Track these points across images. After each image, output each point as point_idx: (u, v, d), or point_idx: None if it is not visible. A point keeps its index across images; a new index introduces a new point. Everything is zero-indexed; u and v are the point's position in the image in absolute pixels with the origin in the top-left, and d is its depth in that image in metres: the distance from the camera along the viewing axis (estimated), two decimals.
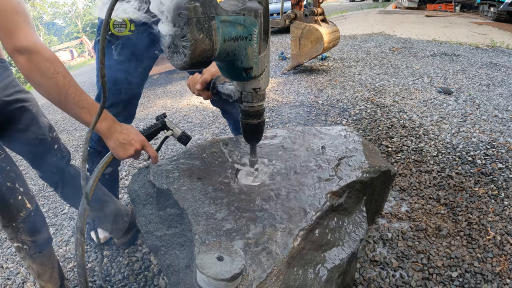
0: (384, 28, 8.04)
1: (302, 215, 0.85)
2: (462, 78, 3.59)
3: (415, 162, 1.96)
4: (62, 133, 3.80)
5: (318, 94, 3.35)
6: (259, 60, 0.78)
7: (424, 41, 6.07)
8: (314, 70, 4.38)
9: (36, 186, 2.45)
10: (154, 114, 3.58)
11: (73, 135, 3.58)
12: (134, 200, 1.10)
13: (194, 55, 0.63)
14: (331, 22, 4.27)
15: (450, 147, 2.08)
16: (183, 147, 2.49)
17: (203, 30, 0.63)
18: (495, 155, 1.96)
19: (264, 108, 0.90)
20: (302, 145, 1.20)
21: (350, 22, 10.22)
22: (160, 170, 1.06)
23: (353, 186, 0.99)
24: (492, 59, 4.54)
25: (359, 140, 1.22)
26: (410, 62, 4.40)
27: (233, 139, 1.28)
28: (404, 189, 1.73)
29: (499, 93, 3.03)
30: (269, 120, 2.79)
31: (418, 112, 2.67)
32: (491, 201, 1.60)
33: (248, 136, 0.93)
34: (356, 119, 2.62)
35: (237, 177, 1.02)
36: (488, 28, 7.71)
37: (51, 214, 2.00)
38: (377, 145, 2.19)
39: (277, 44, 7.09)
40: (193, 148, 1.22)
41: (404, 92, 3.19)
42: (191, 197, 0.93)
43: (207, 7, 0.63)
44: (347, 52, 5.40)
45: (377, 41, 6.22)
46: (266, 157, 1.11)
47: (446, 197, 1.65)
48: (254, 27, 0.74)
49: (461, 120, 2.46)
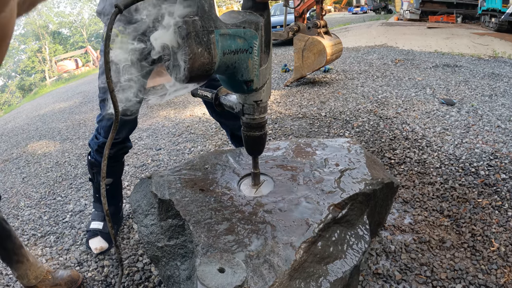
0: (386, 40, 8.10)
1: (305, 228, 0.85)
2: (465, 89, 3.59)
3: (418, 173, 1.95)
4: (65, 141, 3.82)
5: (321, 106, 3.36)
6: (260, 73, 0.79)
7: (426, 53, 6.11)
8: (317, 82, 4.40)
9: (37, 194, 2.46)
10: (158, 124, 3.60)
11: (76, 144, 3.60)
12: (136, 210, 1.10)
13: (192, 69, 0.63)
14: (334, 34, 4.31)
15: (453, 159, 2.07)
16: (185, 158, 2.50)
17: (202, 44, 0.63)
18: (498, 165, 1.95)
19: (266, 120, 0.90)
20: (304, 157, 1.20)
21: (353, 34, 10.30)
22: (162, 181, 1.06)
23: (356, 198, 0.98)
24: (494, 69, 4.55)
25: (362, 152, 1.22)
26: (413, 74, 4.41)
27: (235, 151, 1.28)
28: (407, 201, 1.72)
29: (501, 104, 3.02)
30: (271, 132, 2.79)
31: (421, 123, 2.67)
32: (495, 212, 1.58)
33: (250, 148, 0.93)
34: (358, 131, 2.62)
35: (239, 189, 1.02)
36: (490, 38, 7.74)
37: (52, 222, 2.00)
38: (380, 157, 2.19)
39: (280, 56, 7.14)
40: (195, 160, 1.22)
41: (406, 103, 3.19)
42: (193, 208, 0.93)
43: (206, 20, 0.64)
44: (349, 64, 5.43)
45: (379, 53, 6.26)
46: (268, 169, 1.11)
47: (449, 208, 1.64)
48: (255, 40, 0.74)
49: (464, 131, 2.46)
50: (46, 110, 6.91)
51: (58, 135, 4.24)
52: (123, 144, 1.50)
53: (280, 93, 4.11)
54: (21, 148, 4.04)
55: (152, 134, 3.28)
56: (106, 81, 0.61)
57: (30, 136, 4.64)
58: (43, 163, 3.20)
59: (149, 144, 3.02)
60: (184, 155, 2.64)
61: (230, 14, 0.74)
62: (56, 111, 6.35)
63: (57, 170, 2.89)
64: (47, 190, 2.49)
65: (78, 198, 2.23)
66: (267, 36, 0.78)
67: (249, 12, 0.76)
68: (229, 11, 0.76)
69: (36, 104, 9.17)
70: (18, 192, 2.60)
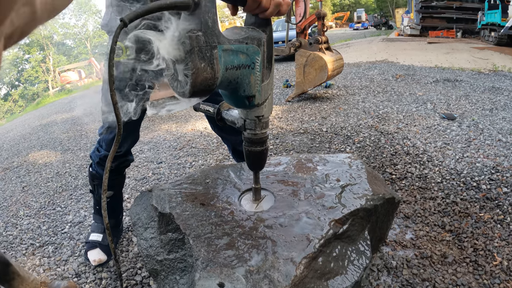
0: (387, 56, 8.17)
1: (305, 243, 0.84)
2: (465, 103, 3.61)
3: (419, 189, 1.95)
4: (67, 152, 3.82)
5: (322, 121, 3.37)
6: (262, 88, 0.79)
7: (427, 68, 6.15)
8: (318, 98, 4.42)
9: (37, 203, 2.45)
10: (159, 138, 3.60)
11: (77, 154, 3.61)
12: (136, 223, 1.10)
13: (195, 84, 0.64)
14: (335, 50, 4.35)
15: (455, 173, 2.07)
16: (186, 172, 2.49)
17: (205, 59, 0.64)
18: (500, 179, 1.94)
19: (268, 136, 0.90)
20: (305, 172, 1.20)
21: (354, 50, 10.40)
22: (163, 194, 1.06)
23: (357, 213, 0.98)
24: (494, 83, 4.58)
25: (363, 167, 1.22)
26: (413, 89, 4.44)
27: (237, 165, 1.28)
28: (409, 216, 1.71)
29: (502, 117, 3.03)
30: (273, 147, 2.79)
31: (422, 138, 2.67)
32: (497, 226, 1.57)
33: (251, 163, 0.93)
34: (360, 146, 2.62)
35: (240, 203, 1.02)
36: (490, 52, 7.81)
37: (51, 232, 1.99)
38: (381, 172, 2.18)
39: (282, 72, 7.18)
40: (196, 174, 1.22)
41: (407, 119, 3.20)
42: (193, 222, 0.92)
43: (209, 36, 0.64)
44: (351, 80, 5.46)
45: (380, 68, 6.30)
46: (269, 184, 1.11)
47: (451, 223, 1.63)
48: (257, 56, 0.75)
49: (465, 146, 2.46)
50: (48, 120, 6.95)
51: (60, 145, 4.25)
52: (124, 158, 1.51)
53: (281, 108, 4.12)
54: (22, 157, 4.04)
55: (154, 148, 3.29)
56: (110, 94, 0.62)
57: (32, 145, 4.65)
58: (44, 173, 3.20)
59: (150, 157, 3.02)
60: (185, 169, 2.63)
61: (233, 30, 0.75)
62: (58, 121, 6.39)
63: (58, 180, 2.89)
64: (47, 200, 2.49)
65: (78, 209, 2.22)
66: (269, 52, 0.79)
67: (252, 28, 0.77)
68: (232, 27, 0.77)
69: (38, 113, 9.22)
70: (18, 201, 2.60)
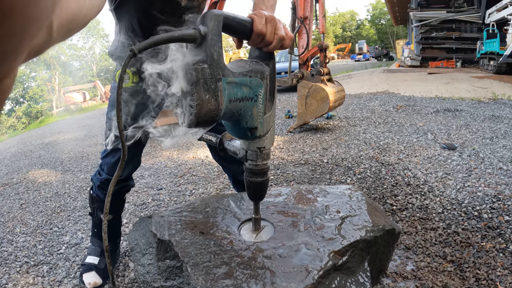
0: (388, 87, 8.28)
1: (304, 274, 0.83)
2: (466, 132, 3.63)
3: (420, 219, 1.93)
4: (67, 173, 3.83)
5: (323, 152, 3.37)
6: (264, 120, 0.80)
7: (427, 98, 6.23)
8: (320, 129, 4.45)
9: (34, 222, 2.44)
10: (160, 164, 3.60)
11: (78, 176, 3.60)
12: (133, 249, 1.09)
13: (199, 115, 0.65)
14: (336, 81, 4.43)
15: (456, 203, 2.06)
16: (186, 200, 2.48)
17: (210, 91, 0.65)
18: (502, 207, 1.93)
19: (269, 167, 0.91)
20: (306, 203, 1.20)
21: (355, 81, 10.54)
22: (162, 221, 1.06)
23: (357, 245, 0.97)
24: (494, 111, 4.62)
25: (363, 199, 1.22)
26: (414, 120, 4.48)
27: (237, 195, 1.29)
28: (410, 247, 1.69)
29: (502, 145, 3.04)
30: (273, 177, 2.78)
31: (423, 169, 2.67)
32: (499, 255, 1.55)
33: (252, 194, 0.94)
34: (360, 177, 2.62)
35: (239, 233, 1.02)
36: (489, 81, 7.91)
37: (47, 252, 1.97)
38: (381, 203, 2.17)
39: (284, 102, 7.26)
40: (196, 202, 1.22)
41: (408, 149, 3.21)
42: (192, 250, 0.92)
43: (214, 69, 0.66)
44: (352, 111, 5.51)
45: (381, 99, 6.37)
46: (269, 215, 1.11)
47: (452, 253, 1.61)
48: (260, 88, 0.77)
49: (466, 175, 2.46)
50: (51, 139, 6.99)
51: (60, 165, 4.26)
52: (125, 182, 1.51)
53: (283, 139, 4.13)
54: (22, 174, 4.05)
55: (154, 174, 3.28)
56: (117, 120, 0.63)
57: (32, 163, 4.66)
58: (43, 191, 3.19)
59: (151, 183, 3.01)
60: (185, 196, 2.62)
61: (237, 63, 0.78)
62: (60, 141, 6.43)
63: (56, 200, 2.87)
64: (44, 219, 2.47)
65: (75, 231, 2.20)
66: (272, 84, 0.81)
67: (256, 62, 0.79)
68: (236, 60, 0.80)
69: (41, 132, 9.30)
70: (15, 217, 2.58)
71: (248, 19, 0.74)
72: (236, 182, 1.71)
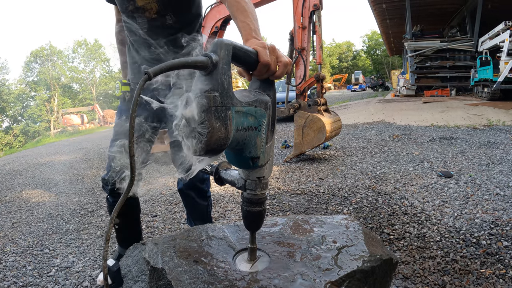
0: (384, 116, 8.39)
1: None
2: (462, 160, 3.65)
3: (418, 248, 1.91)
4: (61, 195, 3.78)
5: (320, 182, 3.35)
6: (265, 150, 0.81)
7: (423, 127, 6.30)
8: (316, 159, 4.45)
9: (25, 242, 2.38)
10: (155, 191, 3.57)
11: (71, 199, 3.56)
12: (125, 275, 1.07)
13: (209, 142, 0.65)
14: (333, 112, 4.48)
15: (454, 231, 2.04)
16: (181, 228, 2.45)
17: (220, 119, 0.66)
18: (500, 233, 1.92)
19: (267, 196, 0.91)
20: (302, 234, 1.18)
21: (352, 111, 10.69)
22: (156, 248, 1.04)
23: (354, 275, 0.96)
24: (489, 138, 4.67)
25: (360, 229, 1.21)
26: (410, 149, 4.50)
27: (232, 224, 1.27)
28: (408, 276, 1.66)
29: (499, 171, 3.05)
30: (269, 207, 2.75)
31: (420, 197, 2.66)
32: (499, 281, 1.53)
33: (249, 224, 0.93)
34: (357, 207, 2.60)
35: (234, 263, 1.00)
36: (484, 108, 8.03)
37: (36, 274, 1.91)
38: (378, 233, 2.15)
39: (281, 132, 7.30)
40: (191, 230, 1.21)
41: (405, 178, 3.21)
42: (186, 279, 0.89)
43: (225, 97, 0.67)
44: (348, 141, 5.55)
45: (377, 129, 6.44)
46: (265, 245, 1.09)
47: (451, 282, 1.58)
48: (264, 118, 0.78)
49: (463, 202, 2.45)
50: (46, 159, 6.95)
51: (55, 187, 4.22)
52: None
53: (279, 168, 4.12)
54: (16, 193, 3.99)
55: (149, 200, 3.24)
56: (129, 145, 0.63)
57: (26, 182, 4.61)
58: (36, 212, 3.14)
59: (145, 209, 2.97)
60: (179, 224, 2.58)
61: (241, 92, 0.78)
62: (56, 162, 6.39)
63: (49, 222, 2.82)
64: (36, 240, 2.42)
65: (67, 254, 2.15)
66: (273, 115, 0.82)
67: (259, 92, 0.80)
68: (240, 90, 0.81)
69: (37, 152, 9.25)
70: (6, 236, 2.53)
71: (253, 50, 0.75)
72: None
